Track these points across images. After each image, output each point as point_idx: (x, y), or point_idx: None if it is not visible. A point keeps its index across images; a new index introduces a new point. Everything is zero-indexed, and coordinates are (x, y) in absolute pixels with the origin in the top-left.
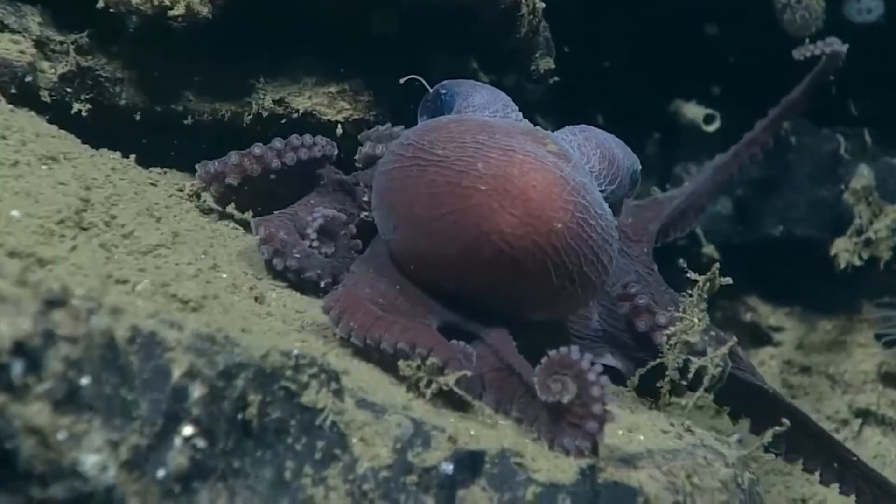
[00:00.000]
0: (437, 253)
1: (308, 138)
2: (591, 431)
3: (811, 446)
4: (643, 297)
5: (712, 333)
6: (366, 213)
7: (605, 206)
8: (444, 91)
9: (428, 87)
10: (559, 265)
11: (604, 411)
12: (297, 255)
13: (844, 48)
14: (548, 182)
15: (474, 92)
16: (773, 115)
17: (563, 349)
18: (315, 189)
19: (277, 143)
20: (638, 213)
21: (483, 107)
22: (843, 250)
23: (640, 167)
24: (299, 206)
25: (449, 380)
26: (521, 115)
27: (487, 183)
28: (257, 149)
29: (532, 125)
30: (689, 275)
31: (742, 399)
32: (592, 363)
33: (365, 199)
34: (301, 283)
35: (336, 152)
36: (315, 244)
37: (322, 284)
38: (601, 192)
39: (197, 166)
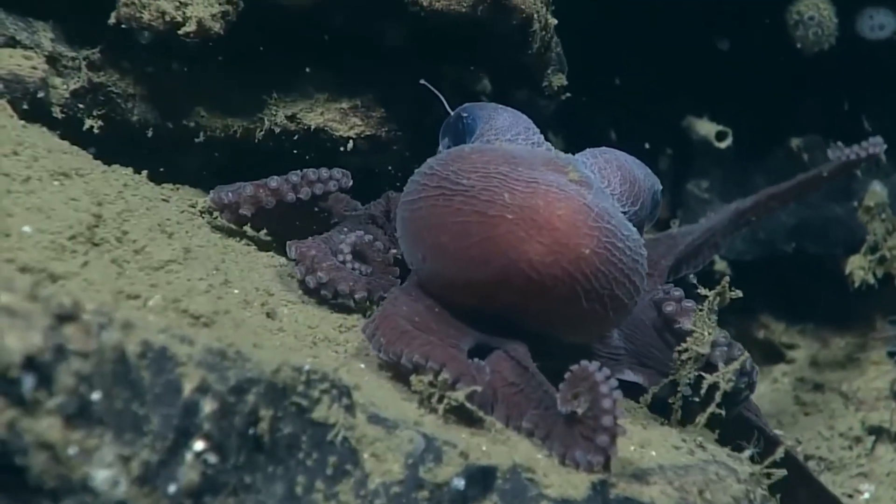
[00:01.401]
0: (466, 281)
1: (324, 172)
2: (601, 445)
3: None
4: (670, 304)
5: (736, 345)
6: (395, 251)
7: (631, 227)
8: (465, 114)
9: (448, 108)
10: (589, 290)
11: (614, 424)
12: (327, 269)
13: (883, 147)
14: (572, 210)
15: (496, 115)
16: (800, 179)
17: (584, 363)
18: (347, 219)
19: (293, 176)
20: (652, 247)
21: (505, 130)
22: (858, 268)
23: (660, 187)
24: (333, 232)
25: (459, 395)
26: (542, 137)
27: (514, 213)
28: (273, 181)
29: (553, 151)
30: (699, 290)
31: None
32: (608, 377)
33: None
34: (337, 298)
35: (350, 183)
36: (348, 261)
37: (357, 297)
38: (623, 213)
39: (211, 193)
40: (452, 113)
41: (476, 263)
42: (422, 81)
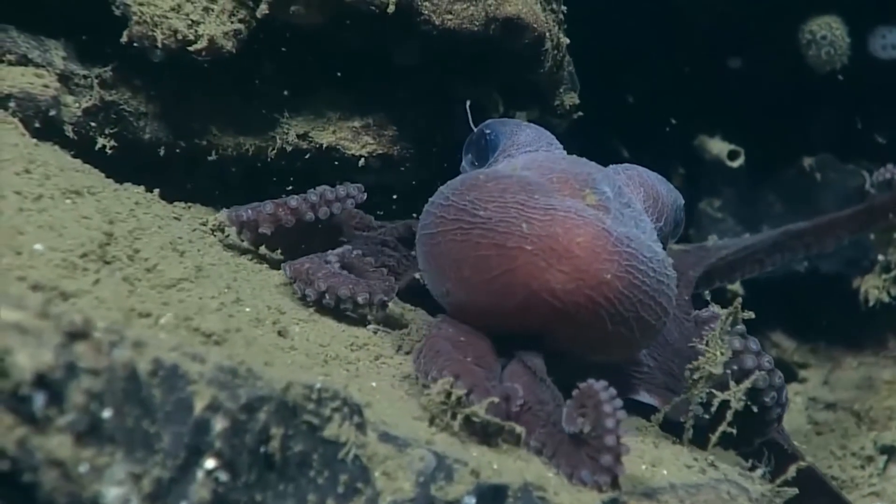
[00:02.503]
0: (491, 311)
1: (341, 191)
2: (606, 465)
3: None
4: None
5: (766, 359)
6: (418, 274)
7: (655, 247)
8: (488, 131)
9: (472, 124)
10: (614, 314)
11: (617, 443)
12: (324, 277)
13: None
14: (591, 236)
15: (519, 131)
16: (863, 208)
17: (590, 381)
18: (357, 240)
19: (313, 196)
20: (680, 258)
21: (527, 145)
22: (872, 287)
23: (682, 202)
24: (329, 252)
25: (476, 409)
26: (564, 152)
27: (533, 243)
28: (293, 201)
29: (577, 163)
30: (712, 308)
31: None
32: (612, 396)
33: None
34: (340, 305)
35: (364, 197)
36: (337, 271)
37: (360, 300)
38: None
39: (227, 212)
40: (476, 129)
41: (499, 296)
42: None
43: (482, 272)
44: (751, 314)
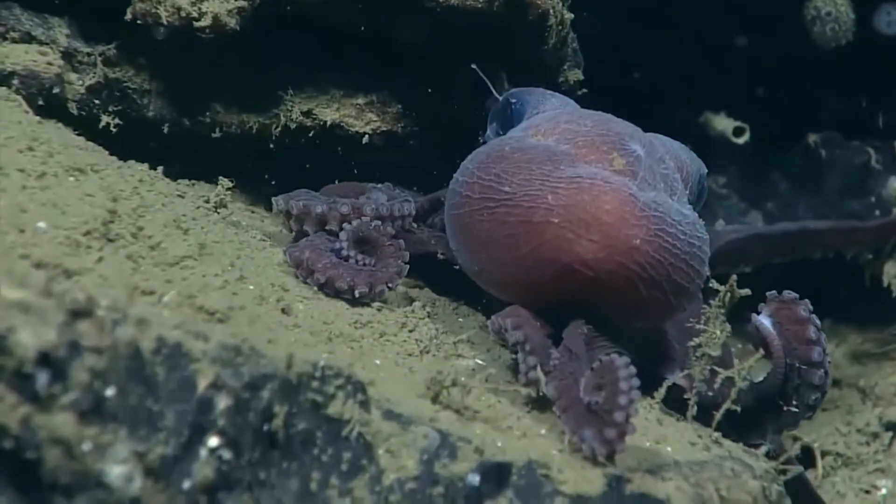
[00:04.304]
0: (526, 286)
1: (396, 209)
2: (608, 438)
3: None
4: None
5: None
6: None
7: (685, 210)
8: (514, 100)
9: (496, 93)
10: (646, 278)
11: (625, 421)
12: (323, 269)
13: None
14: (619, 202)
15: (544, 100)
16: (883, 232)
17: (613, 356)
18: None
19: (367, 209)
20: None
21: (546, 120)
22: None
23: (706, 171)
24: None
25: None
26: None
27: (559, 215)
28: (344, 207)
29: (601, 114)
30: (712, 285)
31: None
32: (631, 375)
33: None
34: (339, 295)
35: (413, 212)
36: (345, 248)
37: (358, 293)
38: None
39: (279, 199)
40: (501, 98)
41: (532, 271)
42: (473, 66)
43: (512, 250)
44: (747, 291)
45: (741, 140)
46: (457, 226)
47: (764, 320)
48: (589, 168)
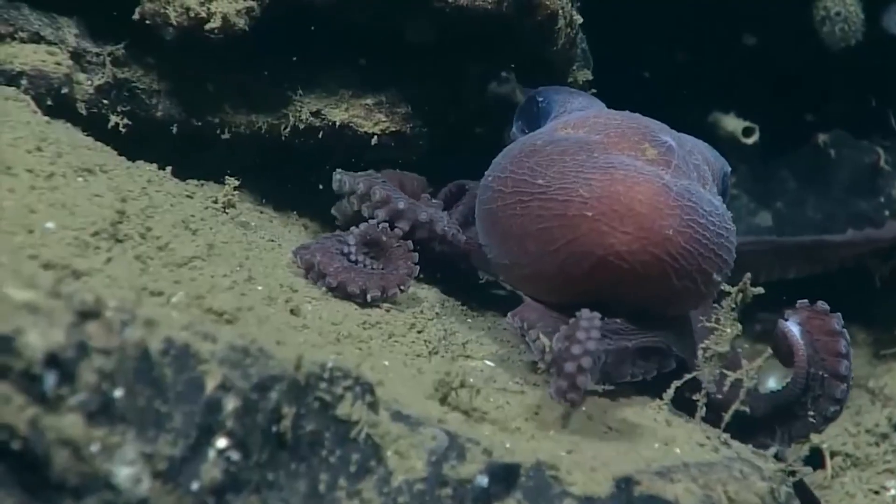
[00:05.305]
0: (559, 280)
1: (424, 216)
2: (560, 388)
3: None
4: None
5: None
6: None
7: (715, 201)
8: (540, 98)
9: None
10: (678, 268)
11: (576, 370)
12: (334, 273)
13: None
14: (652, 192)
15: (571, 99)
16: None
17: (586, 312)
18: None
19: (438, 225)
20: None
21: (575, 115)
22: None
23: (730, 169)
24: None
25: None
26: None
27: (593, 208)
28: (423, 214)
29: (629, 112)
30: (722, 286)
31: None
32: (593, 328)
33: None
34: (350, 299)
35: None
36: (353, 252)
37: (368, 298)
38: None
39: (346, 178)
40: (527, 96)
41: (565, 265)
42: None
43: (546, 244)
44: (760, 290)
45: (751, 140)
46: (488, 220)
47: (793, 327)
48: (621, 158)
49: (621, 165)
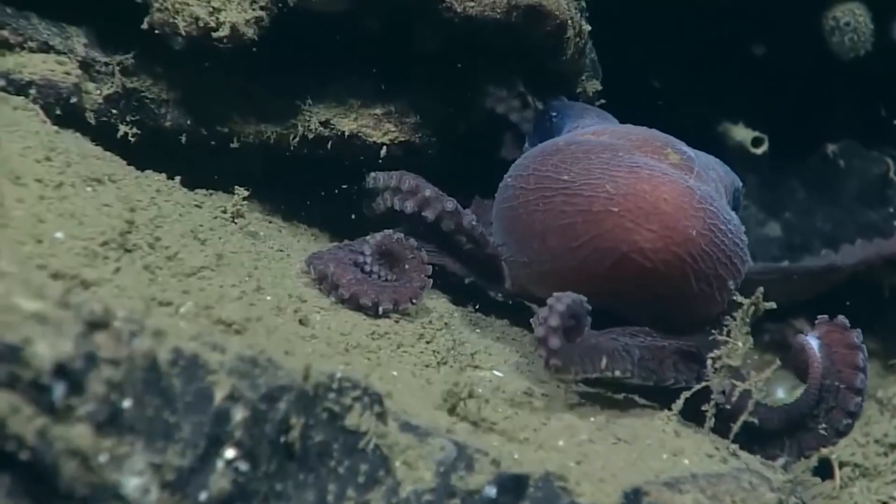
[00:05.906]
0: (579, 277)
1: (466, 222)
2: (542, 357)
3: None
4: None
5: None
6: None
7: (731, 212)
8: (553, 113)
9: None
10: (698, 270)
11: (545, 334)
12: (347, 285)
13: None
14: (678, 193)
15: (584, 114)
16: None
17: (558, 294)
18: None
19: (465, 219)
20: None
21: (593, 127)
22: None
23: (741, 185)
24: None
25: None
26: None
27: (619, 204)
28: (449, 203)
29: (650, 129)
30: (735, 297)
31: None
32: (560, 301)
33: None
34: (361, 311)
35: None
36: (368, 264)
37: (381, 311)
38: None
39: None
40: (540, 110)
41: (587, 262)
42: None
43: (569, 240)
44: (772, 304)
45: (760, 150)
46: (508, 218)
47: (812, 341)
48: (646, 159)
49: (646, 165)
